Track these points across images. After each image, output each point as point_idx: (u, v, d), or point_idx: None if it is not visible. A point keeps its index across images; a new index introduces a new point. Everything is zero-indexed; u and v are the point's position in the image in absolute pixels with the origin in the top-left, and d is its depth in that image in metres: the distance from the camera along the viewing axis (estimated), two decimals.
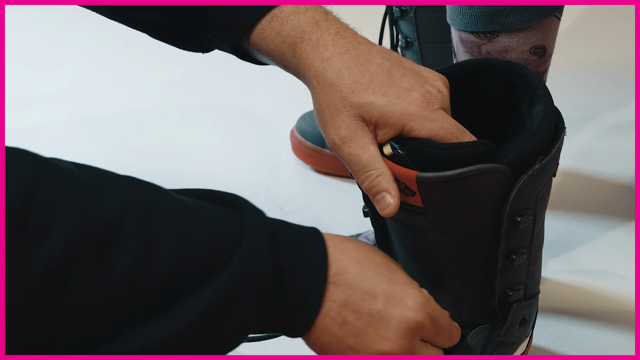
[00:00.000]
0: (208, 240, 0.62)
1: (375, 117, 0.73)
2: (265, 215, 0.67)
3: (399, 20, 1.31)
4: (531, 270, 0.81)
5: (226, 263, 0.62)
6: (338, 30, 0.76)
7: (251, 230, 0.64)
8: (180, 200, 0.63)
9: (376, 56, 0.75)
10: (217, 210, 0.65)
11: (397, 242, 0.81)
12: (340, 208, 1.27)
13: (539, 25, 0.92)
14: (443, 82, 0.75)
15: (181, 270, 0.61)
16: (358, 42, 0.76)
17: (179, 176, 1.37)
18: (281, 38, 0.76)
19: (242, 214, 0.66)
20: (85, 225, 0.57)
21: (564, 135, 0.77)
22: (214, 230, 0.63)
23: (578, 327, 1.03)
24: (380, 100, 0.73)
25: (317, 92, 0.76)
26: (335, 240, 0.70)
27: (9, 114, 1.55)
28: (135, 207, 0.60)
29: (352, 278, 0.68)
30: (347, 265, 0.69)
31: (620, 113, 1.52)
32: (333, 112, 0.74)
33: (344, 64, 0.74)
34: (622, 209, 1.25)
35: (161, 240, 0.60)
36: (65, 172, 0.59)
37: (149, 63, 1.72)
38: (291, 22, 0.76)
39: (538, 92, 0.76)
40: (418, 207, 0.74)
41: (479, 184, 0.72)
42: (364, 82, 0.74)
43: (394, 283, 0.70)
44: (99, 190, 0.59)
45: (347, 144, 0.74)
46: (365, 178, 0.74)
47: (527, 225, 0.76)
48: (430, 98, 0.73)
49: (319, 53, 0.75)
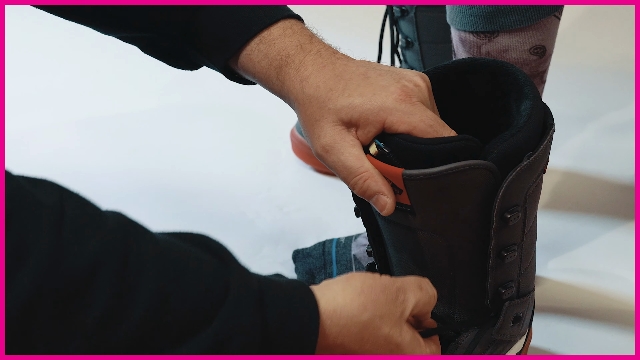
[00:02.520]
0: (189, 297, 0.58)
1: (355, 117, 0.73)
2: (251, 273, 0.63)
3: (399, 20, 1.32)
4: (523, 267, 0.81)
5: (209, 322, 0.58)
6: (319, 50, 0.77)
7: (236, 289, 0.60)
8: (165, 248, 0.59)
9: (352, 65, 0.76)
10: (202, 263, 0.60)
11: (389, 241, 0.81)
12: (340, 208, 1.27)
13: (538, 25, 0.92)
14: (421, 78, 0.76)
15: (158, 326, 0.56)
16: (336, 58, 0.77)
17: (179, 176, 1.37)
18: (267, 60, 0.77)
19: (228, 269, 0.61)
20: (54, 274, 0.52)
21: (552, 131, 0.77)
22: (196, 286, 0.58)
23: (578, 327, 1.03)
24: (356, 100, 0.73)
25: (299, 109, 0.77)
26: (327, 296, 0.65)
27: (9, 115, 1.55)
28: (114, 256, 0.55)
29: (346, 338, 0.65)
30: (339, 328, 0.65)
31: (620, 113, 1.52)
32: (313, 123, 0.75)
33: (321, 78, 0.75)
34: (622, 209, 1.25)
35: (137, 294, 0.55)
36: (47, 209, 0.54)
37: (149, 63, 1.72)
38: (277, 45, 0.77)
39: (525, 89, 0.77)
40: (406, 205, 0.74)
41: (464, 180, 0.72)
42: (339, 89, 0.74)
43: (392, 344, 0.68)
44: (77, 234, 0.54)
45: (329, 152, 0.74)
46: (355, 184, 0.74)
47: (517, 222, 0.76)
48: (408, 91, 0.74)
49: (299, 74, 0.76)
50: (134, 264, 0.56)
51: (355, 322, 0.65)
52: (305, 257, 1.12)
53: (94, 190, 1.34)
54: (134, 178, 1.36)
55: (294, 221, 1.26)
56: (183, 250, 0.60)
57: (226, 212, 1.28)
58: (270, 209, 1.29)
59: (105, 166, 1.41)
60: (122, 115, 1.58)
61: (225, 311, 0.59)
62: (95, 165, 1.42)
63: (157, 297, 0.56)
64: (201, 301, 0.58)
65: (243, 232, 1.23)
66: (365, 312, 0.66)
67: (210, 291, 0.59)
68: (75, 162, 1.42)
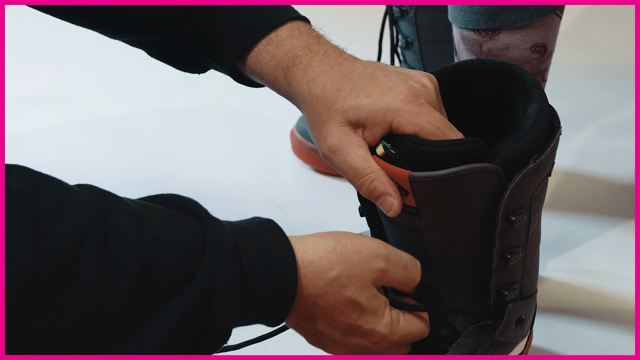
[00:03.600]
0: (170, 257, 0.61)
1: (362, 118, 0.73)
2: (225, 225, 0.67)
3: (399, 20, 1.31)
4: (527, 270, 0.81)
5: (192, 277, 0.62)
6: (326, 51, 0.77)
7: (213, 242, 0.64)
8: (141, 215, 0.62)
9: (359, 66, 0.76)
10: (178, 222, 0.64)
11: (393, 243, 0.81)
12: (340, 208, 1.27)
13: (539, 23, 0.92)
14: (428, 79, 0.75)
15: (145, 290, 0.60)
16: (343, 59, 0.77)
17: (179, 176, 1.37)
18: (275, 62, 0.77)
19: (202, 224, 0.65)
20: (40, 255, 0.55)
21: (559, 134, 0.76)
22: (175, 246, 0.62)
23: (578, 327, 1.03)
24: (364, 101, 0.73)
25: (306, 110, 0.77)
26: (297, 247, 0.70)
27: (9, 115, 1.55)
28: (94, 230, 0.58)
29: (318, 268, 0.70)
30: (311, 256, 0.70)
31: (620, 113, 1.52)
32: (320, 124, 0.75)
33: (328, 78, 0.75)
34: (622, 209, 1.25)
35: (121, 261, 0.59)
36: (23, 196, 0.57)
37: (149, 64, 1.72)
38: (285, 46, 0.77)
39: (532, 91, 0.76)
40: (412, 207, 0.74)
41: (471, 183, 0.72)
42: (346, 89, 0.74)
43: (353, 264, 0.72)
44: (56, 214, 0.57)
45: (335, 153, 0.74)
46: (361, 185, 0.74)
47: (522, 224, 0.76)
48: (415, 92, 0.73)
49: (306, 75, 0.76)
50: (113, 234, 0.59)
51: (321, 277, 0.70)
52: None
53: None
54: (134, 178, 1.36)
55: (294, 221, 1.26)
56: (158, 212, 0.64)
57: (226, 212, 1.27)
58: (270, 209, 1.28)
59: (105, 166, 1.41)
60: (122, 115, 1.58)
61: (205, 265, 0.63)
62: (95, 165, 1.42)
63: (141, 261, 0.60)
64: (182, 259, 0.62)
65: None
66: (332, 270, 0.70)
67: (189, 248, 0.62)
68: (76, 163, 1.42)
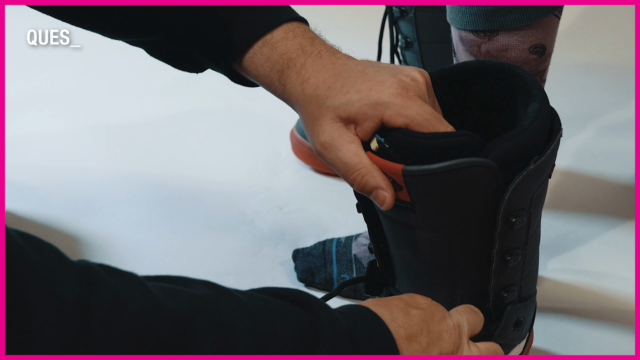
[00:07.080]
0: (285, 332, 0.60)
1: (353, 113, 0.74)
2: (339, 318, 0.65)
3: (399, 21, 1.31)
4: (526, 271, 0.81)
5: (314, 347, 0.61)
6: (319, 52, 0.78)
7: (328, 326, 0.63)
8: (246, 300, 0.61)
9: (351, 64, 0.77)
10: (286, 308, 0.63)
11: (391, 239, 0.81)
12: (340, 208, 1.27)
13: (538, 24, 0.92)
14: (419, 73, 0.76)
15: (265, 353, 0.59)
16: (336, 58, 0.77)
17: (179, 177, 1.37)
18: (270, 64, 0.78)
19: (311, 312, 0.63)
20: (158, 315, 0.54)
21: (559, 136, 0.76)
22: (287, 324, 0.61)
23: (578, 327, 1.03)
24: (354, 96, 0.74)
25: (300, 110, 0.77)
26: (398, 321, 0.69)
27: (9, 115, 1.55)
28: (208, 304, 0.58)
29: None
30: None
31: (620, 113, 1.52)
32: (313, 122, 0.76)
33: (320, 78, 0.76)
34: (622, 209, 1.25)
35: (238, 331, 0.58)
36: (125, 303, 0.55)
37: (149, 64, 1.72)
38: (280, 48, 0.78)
39: (533, 91, 0.76)
40: (406, 202, 0.74)
41: (464, 177, 0.72)
42: (337, 87, 0.75)
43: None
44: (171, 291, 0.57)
45: (327, 150, 0.75)
46: (353, 180, 0.74)
47: (521, 226, 0.76)
48: (405, 86, 0.74)
49: (300, 77, 0.77)
50: (227, 309, 0.58)
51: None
52: (305, 255, 1.12)
53: (94, 190, 1.35)
54: (134, 178, 1.36)
55: (294, 221, 1.26)
56: (263, 298, 0.63)
57: (226, 212, 1.28)
58: (270, 209, 1.28)
59: (105, 167, 1.41)
60: (121, 116, 1.58)
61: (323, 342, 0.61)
62: (95, 165, 1.42)
63: (256, 332, 0.59)
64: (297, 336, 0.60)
65: (243, 232, 1.23)
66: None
67: (302, 327, 0.61)
68: (75, 164, 1.42)
